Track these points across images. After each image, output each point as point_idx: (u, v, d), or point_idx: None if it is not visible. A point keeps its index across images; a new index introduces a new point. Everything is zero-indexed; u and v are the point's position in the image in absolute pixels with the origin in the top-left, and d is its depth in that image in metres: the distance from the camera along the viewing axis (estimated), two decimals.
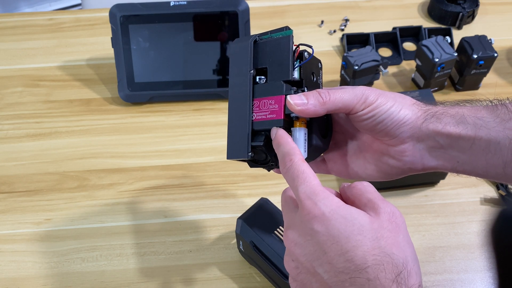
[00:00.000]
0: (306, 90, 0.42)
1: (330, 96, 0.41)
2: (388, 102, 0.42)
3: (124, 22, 0.79)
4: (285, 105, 0.41)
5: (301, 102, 0.41)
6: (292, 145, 0.40)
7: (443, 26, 0.96)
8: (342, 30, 0.96)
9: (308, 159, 0.43)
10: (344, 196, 0.41)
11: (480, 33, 0.83)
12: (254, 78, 0.43)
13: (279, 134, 0.41)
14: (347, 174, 0.48)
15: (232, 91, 0.44)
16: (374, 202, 0.38)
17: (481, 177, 0.43)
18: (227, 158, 0.44)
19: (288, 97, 0.41)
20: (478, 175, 0.43)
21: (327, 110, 0.41)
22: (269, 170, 0.46)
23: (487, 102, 0.43)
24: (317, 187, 0.37)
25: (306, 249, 0.37)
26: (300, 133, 0.42)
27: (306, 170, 0.38)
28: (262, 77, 0.43)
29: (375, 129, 0.43)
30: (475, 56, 0.79)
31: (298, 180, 0.38)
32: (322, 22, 0.98)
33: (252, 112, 0.43)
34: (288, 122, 0.42)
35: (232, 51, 0.45)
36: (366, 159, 0.46)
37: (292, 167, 0.39)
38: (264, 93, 0.42)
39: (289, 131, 0.42)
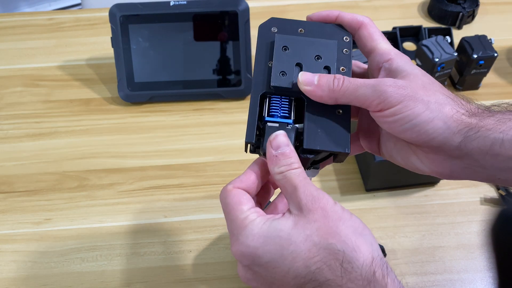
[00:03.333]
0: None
1: (343, 86, 0.37)
2: (416, 107, 0.35)
3: (124, 22, 0.79)
4: None
5: (310, 81, 0.38)
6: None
7: (443, 26, 0.96)
8: None
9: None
10: (271, 180, 0.39)
11: (480, 33, 0.83)
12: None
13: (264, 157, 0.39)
14: (379, 154, 0.44)
15: (254, 76, 0.42)
16: (296, 194, 0.35)
17: None
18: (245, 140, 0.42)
19: (301, 72, 0.39)
20: None
21: (336, 100, 0.38)
22: None
23: None
24: (240, 219, 0.36)
25: (258, 281, 0.36)
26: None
27: (237, 200, 0.37)
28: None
29: (395, 133, 0.38)
30: (475, 56, 0.79)
31: (230, 210, 0.38)
32: None
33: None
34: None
35: (263, 34, 0.43)
36: (396, 147, 0.41)
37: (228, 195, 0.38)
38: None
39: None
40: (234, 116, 0.82)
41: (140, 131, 0.80)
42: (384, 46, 0.41)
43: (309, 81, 0.38)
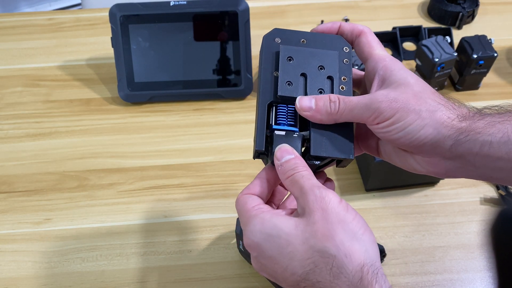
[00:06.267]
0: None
1: (339, 109, 0.40)
2: (409, 117, 0.38)
3: (124, 22, 0.79)
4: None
5: (308, 107, 0.40)
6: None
7: (443, 26, 0.96)
8: None
9: None
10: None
11: (480, 33, 0.83)
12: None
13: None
14: (379, 156, 0.46)
15: (261, 85, 0.43)
16: (302, 196, 0.37)
17: None
18: (256, 149, 0.43)
19: (298, 98, 0.41)
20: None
21: (335, 121, 0.40)
22: None
23: None
24: (246, 217, 0.39)
25: (264, 271, 0.39)
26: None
27: (244, 202, 0.40)
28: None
29: (389, 141, 0.40)
30: (475, 56, 0.79)
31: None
32: (322, 22, 0.98)
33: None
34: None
35: (267, 45, 0.44)
36: (394, 150, 0.43)
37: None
38: None
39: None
40: (234, 116, 0.82)
41: (140, 131, 0.80)
42: (380, 52, 0.43)
43: (307, 107, 0.40)
